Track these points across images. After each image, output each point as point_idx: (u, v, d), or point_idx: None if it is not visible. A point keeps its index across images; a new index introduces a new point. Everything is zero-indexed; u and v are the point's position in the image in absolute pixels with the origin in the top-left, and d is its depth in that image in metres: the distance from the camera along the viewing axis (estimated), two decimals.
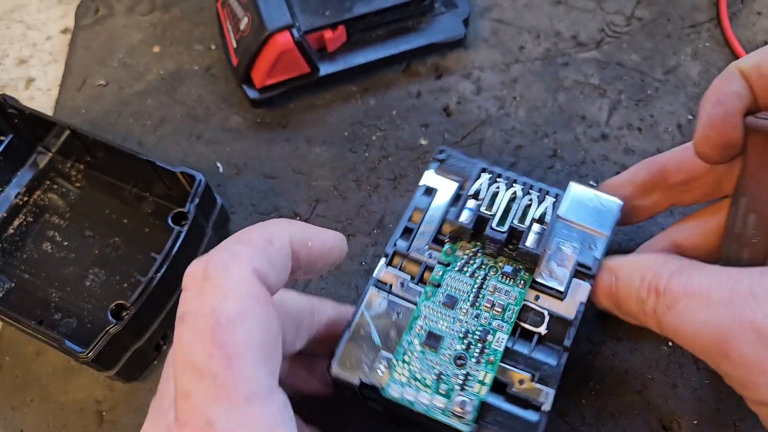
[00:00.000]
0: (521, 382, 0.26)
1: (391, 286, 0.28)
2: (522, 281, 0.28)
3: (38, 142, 0.40)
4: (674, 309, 0.25)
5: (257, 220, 0.38)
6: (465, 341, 0.27)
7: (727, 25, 0.42)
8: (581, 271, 0.28)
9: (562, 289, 0.28)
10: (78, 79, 0.44)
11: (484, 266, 0.29)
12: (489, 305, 0.28)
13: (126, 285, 0.36)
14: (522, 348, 0.27)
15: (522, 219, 0.28)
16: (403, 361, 0.27)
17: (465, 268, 0.29)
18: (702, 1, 0.44)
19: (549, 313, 0.28)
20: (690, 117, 0.40)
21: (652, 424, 0.31)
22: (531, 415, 0.26)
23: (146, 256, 0.36)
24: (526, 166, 0.39)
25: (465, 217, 0.28)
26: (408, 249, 0.29)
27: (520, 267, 0.28)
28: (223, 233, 0.37)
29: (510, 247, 0.28)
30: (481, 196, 0.29)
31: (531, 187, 0.30)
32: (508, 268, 0.28)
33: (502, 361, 0.27)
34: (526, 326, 0.28)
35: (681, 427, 0.31)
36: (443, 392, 0.26)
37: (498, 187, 0.29)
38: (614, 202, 0.30)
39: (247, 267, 0.22)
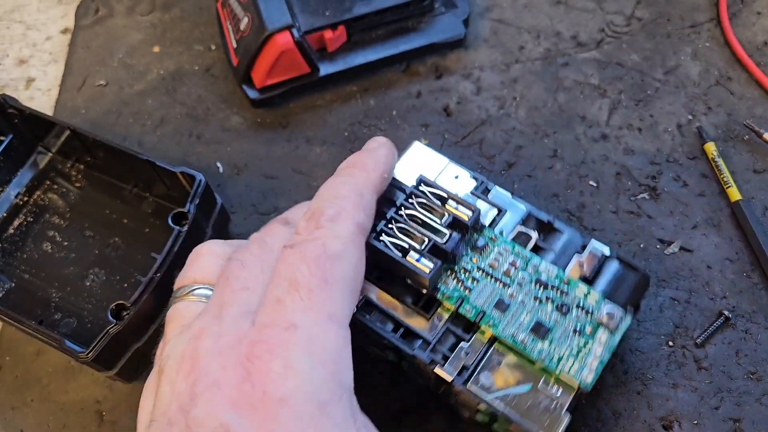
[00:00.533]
0: (581, 264, 0.30)
1: (465, 366, 0.28)
2: (492, 238, 0.30)
3: (38, 142, 0.40)
4: None
5: (257, 220, 0.38)
6: (544, 300, 0.28)
7: (727, 25, 0.42)
8: (482, 190, 0.32)
9: (497, 209, 0.31)
10: (78, 79, 0.44)
11: (469, 267, 0.29)
12: (511, 270, 0.29)
13: (126, 285, 0.36)
14: (550, 255, 0.30)
15: (439, 216, 0.29)
16: (559, 361, 0.27)
17: (469, 285, 0.29)
18: (702, 1, 0.44)
19: (519, 225, 0.31)
20: (690, 117, 0.40)
21: (653, 424, 0.32)
22: (611, 267, 0.30)
23: (146, 256, 0.37)
24: (526, 166, 0.39)
25: (428, 264, 0.28)
26: (428, 342, 0.29)
27: (476, 235, 0.30)
28: (223, 233, 0.37)
29: (461, 235, 0.29)
30: (406, 246, 0.28)
31: (407, 198, 0.30)
32: (477, 245, 0.30)
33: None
34: (530, 246, 0.30)
35: (681, 427, 0.31)
36: (591, 331, 0.28)
37: (401, 227, 0.29)
38: (418, 145, 0.33)
39: (351, 220, 0.26)
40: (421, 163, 0.32)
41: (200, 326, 0.25)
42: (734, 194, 0.36)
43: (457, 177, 0.32)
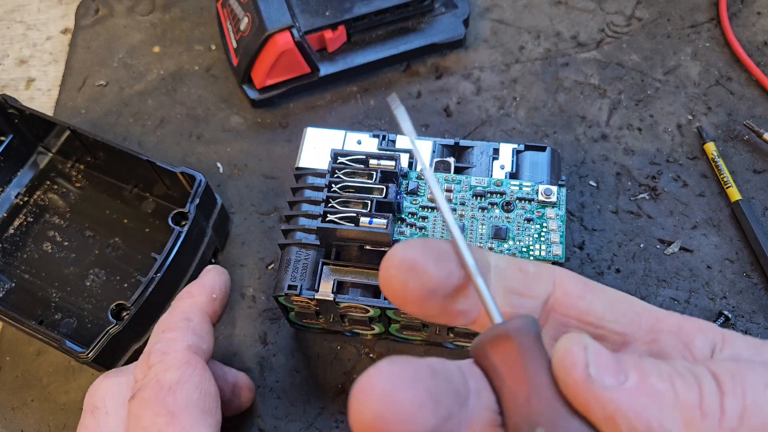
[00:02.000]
0: (501, 166, 0.32)
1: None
2: (418, 177, 0.31)
3: (38, 143, 0.40)
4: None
5: (257, 220, 0.38)
6: (489, 207, 0.30)
7: (727, 25, 0.42)
8: (386, 143, 0.33)
9: (409, 153, 0.32)
10: (78, 79, 0.44)
11: (412, 209, 0.30)
12: (448, 195, 0.31)
13: (126, 285, 0.36)
14: (473, 170, 0.32)
15: (369, 177, 0.30)
16: (529, 250, 0.29)
17: (420, 224, 0.30)
18: (702, 1, 0.44)
19: (435, 157, 0.33)
20: (690, 117, 0.40)
21: None
22: (524, 157, 0.32)
23: (146, 256, 0.37)
24: None
25: (381, 221, 0.29)
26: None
27: (403, 180, 0.31)
28: (222, 233, 0.37)
29: (395, 185, 0.30)
30: (354, 214, 0.29)
31: (331, 175, 0.30)
32: (408, 189, 0.31)
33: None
34: (453, 170, 0.32)
35: None
36: (540, 214, 0.30)
37: (342, 201, 0.29)
38: (312, 130, 0.34)
39: (180, 345, 0.27)
40: (322, 143, 0.33)
41: None
42: (734, 194, 0.36)
43: (359, 142, 0.33)
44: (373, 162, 0.30)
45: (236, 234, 0.38)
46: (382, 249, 0.29)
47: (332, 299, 0.29)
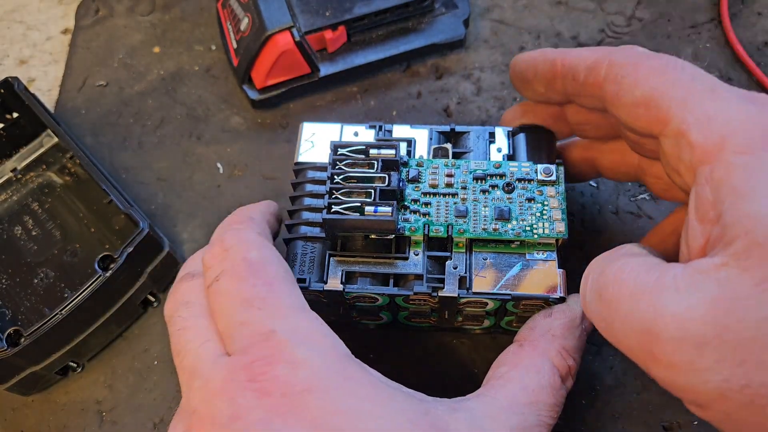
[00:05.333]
0: (499, 149, 0.33)
1: (464, 277, 0.29)
2: (418, 164, 0.31)
3: (46, 127, 0.40)
4: (603, 298, 0.23)
5: None
6: (491, 189, 0.31)
7: (727, 26, 0.42)
8: (384, 133, 0.34)
9: (407, 141, 0.33)
10: (78, 79, 0.44)
11: (415, 196, 0.31)
12: (450, 180, 0.31)
13: (66, 295, 0.35)
14: (471, 154, 0.33)
15: (371, 166, 0.30)
16: (532, 229, 0.30)
17: (424, 211, 0.30)
18: (702, 2, 0.44)
19: (433, 144, 0.33)
20: None
21: (653, 425, 0.31)
22: (522, 137, 0.33)
23: (95, 273, 0.33)
24: None
25: (386, 209, 0.29)
26: (421, 277, 0.29)
27: (404, 168, 0.31)
28: (162, 280, 0.36)
29: (398, 173, 0.30)
30: (358, 204, 0.29)
31: (333, 167, 0.30)
32: (410, 176, 0.31)
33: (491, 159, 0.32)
34: (451, 155, 0.32)
35: (681, 428, 0.31)
36: (540, 193, 0.30)
37: (345, 192, 0.29)
38: (308, 125, 0.34)
39: (253, 232, 0.27)
40: (320, 137, 0.34)
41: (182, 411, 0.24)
42: None
43: (356, 134, 0.34)
44: (373, 152, 0.30)
45: None
46: (388, 237, 0.30)
47: (341, 290, 0.29)
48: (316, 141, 0.34)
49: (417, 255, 0.30)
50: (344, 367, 0.23)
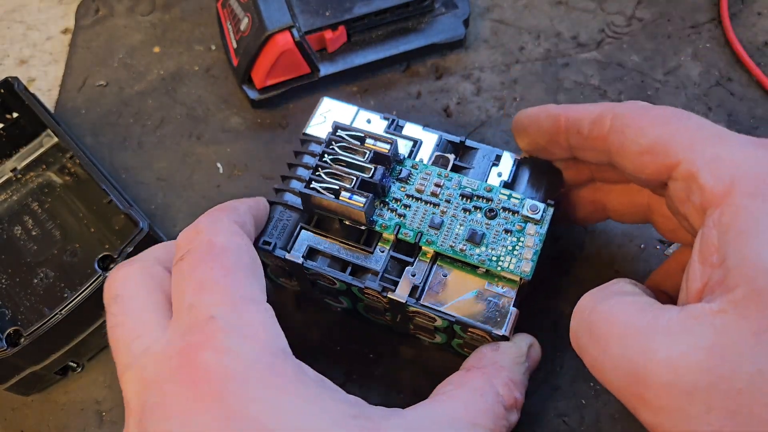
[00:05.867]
0: (499, 174, 0.32)
1: (415, 284, 0.29)
2: (413, 166, 0.31)
3: (46, 127, 0.40)
4: (593, 335, 0.23)
5: None
6: (473, 210, 0.30)
7: (727, 26, 0.42)
8: (395, 127, 0.33)
9: (413, 141, 0.33)
10: (78, 79, 0.44)
11: (398, 196, 0.31)
12: (437, 190, 0.31)
13: (65, 295, 0.35)
14: (470, 172, 0.32)
15: (361, 154, 0.30)
16: (500, 261, 0.29)
17: (403, 212, 0.30)
18: (702, 2, 0.44)
19: (437, 151, 0.32)
20: None
21: None
22: (526, 171, 0.32)
23: (95, 272, 0.33)
24: None
25: (360, 199, 0.29)
26: (376, 273, 0.30)
27: (398, 166, 0.31)
28: None
29: (384, 168, 0.30)
30: (337, 187, 0.30)
31: (327, 146, 0.31)
32: (401, 176, 0.31)
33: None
34: (450, 167, 0.32)
35: None
36: (521, 227, 0.30)
37: (329, 172, 0.30)
38: (328, 100, 0.35)
39: (228, 219, 0.27)
40: (333, 115, 0.34)
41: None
42: None
43: (369, 121, 0.34)
44: (369, 142, 0.31)
45: None
46: (361, 227, 0.30)
47: (300, 263, 0.30)
48: (329, 117, 0.34)
49: (382, 252, 0.30)
50: (275, 361, 0.23)
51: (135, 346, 0.24)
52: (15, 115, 0.40)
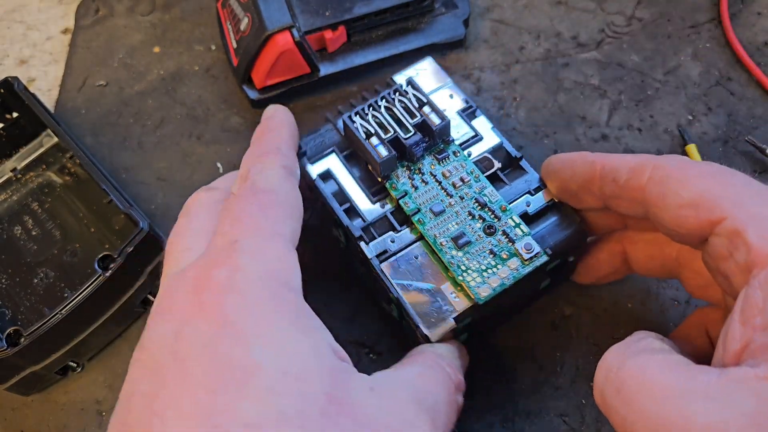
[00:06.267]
0: (528, 203, 0.31)
1: (387, 249, 0.30)
2: (455, 152, 0.32)
3: (46, 127, 0.40)
4: (623, 395, 0.22)
5: None
6: (477, 218, 0.30)
7: (727, 26, 0.42)
8: (467, 113, 0.34)
9: (473, 133, 0.33)
10: (78, 79, 0.44)
11: (424, 170, 0.31)
12: (460, 183, 0.31)
13: (66, 295, 0.35)
14: (503, 187, 0.32)
15: (412, 115, 0.31)
16: (465, 271, 0.29)
17: (416, 184, 0.31)
18: (702, 2, 0.44)
19: (487, 152, 0.32)
20: (690, 117, 0.40)
21: None
22: (554, 215, 0.31)
23: (95, 273, 0.33)
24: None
25: (383, 151, 0.31)
26: (365, 221, 0.31)
27: (442, 146, 0.32)
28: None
29: (426, 139, 0.31)
30: (372, 131, 0.31)
31: (390, 94, 0.32)
32: (437, 155, 0.32)
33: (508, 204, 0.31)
34: (488, 173, 0.32)
35: None
36: (506, 256, 0.29)
37: (375, 115, 0.32)
38: (427, 61, 0.36)
39: (276, 164, 0.28)
40: (425, 74, 0.35)
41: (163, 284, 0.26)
42: None
43: (451, 96, 0.34)
44: (426, 110, 0.31)
45: None
46: (378, 178, 0.31)
47: (313, 178, 0.32)
48: (421, 75, 0.35)
49: (382, 208, 0.31)
50: (279, 290, 0.24)
51: (181, 257, 0.26)
52: (15, 115, 0.40)
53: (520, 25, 0.44)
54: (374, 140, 0.30)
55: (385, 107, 0.31)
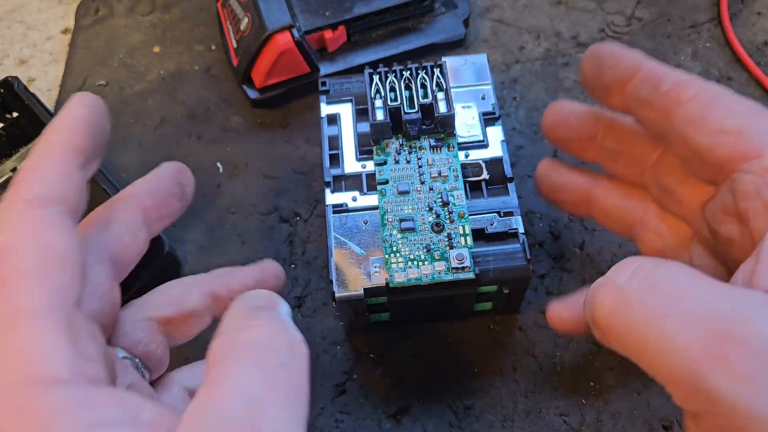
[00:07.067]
0: (492, 222, 0.30)
1: (346, 204, 0.31)
2: (450, 146, 0.32)
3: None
4: (661, 289, 0.20)
5: (257, 220, 0.38)
6: (432, 212, 0.30)
7: (727, 25, 0.42)
8: (488, 118, 0.33)
9: (482, 138, 0.32)
10: (78, 79, 0.44)
11: (413, 149, 0.32)
12: (436, 175, 0.31)
13: None
14: (478, 198, 0.31)
15: (425, 95, 0.32)
16: (393, 252, 0.29)
17: (399, 159, 0.32)
18: (702, 1, 0.44)
19: (483, 161, 0.32)
20: None
21: (653, 425, 0.31)
22: (509, 245, 0.30)
23: None
24: (526, 166, 0.39)
25: (380, 115, 0.31)
26: (343, 171, 0.32)
27: (442, 135, 0.32)
28: (162, 282, 0.34)
29: (426, 122, 0.32)
30: (382, 94, 0.32)
31: (417, 68, 0.32)
32: (434, 141, 0.32)
33: (470, 215, 0.30)
34: (472, 179, 0.31)
35: (681, 428, 0.31)
36: (438, 257, 0.29)
37: (392, 81, 0.32)
38: (481, 56, 0.35)
39: (17, 203, 0.21)
40: (471, 69, 0.35)
41: None
42: None
43: (483, 98, 0.34)
44: (440, 95, 0.32)
45: (236, 234, 0.38)
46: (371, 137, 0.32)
47: (321, 117, 0.33)
48: (468, 67, 0.35)
49: (363, 168, 0.32)
50: (35, 392, 0.18)
51: None
52: (15, 114, 0.40)
53: (520, 24, 0.44)
54: (378, 102, 0.31)
55: (407, 78, 0.32)
